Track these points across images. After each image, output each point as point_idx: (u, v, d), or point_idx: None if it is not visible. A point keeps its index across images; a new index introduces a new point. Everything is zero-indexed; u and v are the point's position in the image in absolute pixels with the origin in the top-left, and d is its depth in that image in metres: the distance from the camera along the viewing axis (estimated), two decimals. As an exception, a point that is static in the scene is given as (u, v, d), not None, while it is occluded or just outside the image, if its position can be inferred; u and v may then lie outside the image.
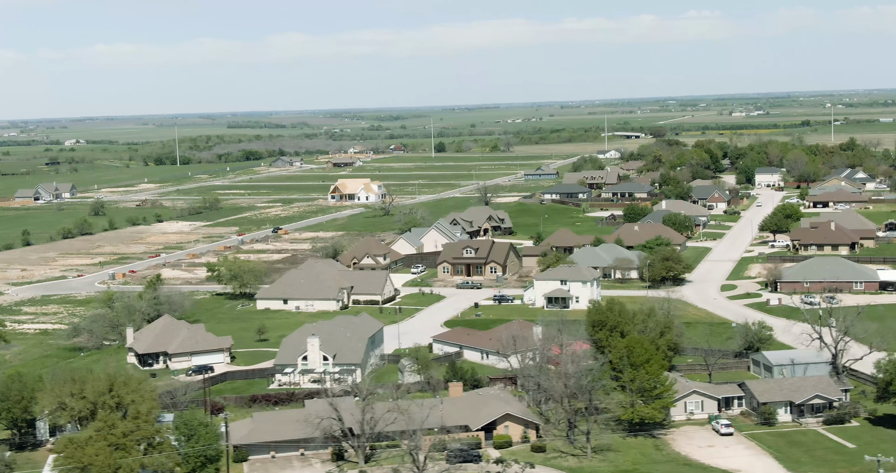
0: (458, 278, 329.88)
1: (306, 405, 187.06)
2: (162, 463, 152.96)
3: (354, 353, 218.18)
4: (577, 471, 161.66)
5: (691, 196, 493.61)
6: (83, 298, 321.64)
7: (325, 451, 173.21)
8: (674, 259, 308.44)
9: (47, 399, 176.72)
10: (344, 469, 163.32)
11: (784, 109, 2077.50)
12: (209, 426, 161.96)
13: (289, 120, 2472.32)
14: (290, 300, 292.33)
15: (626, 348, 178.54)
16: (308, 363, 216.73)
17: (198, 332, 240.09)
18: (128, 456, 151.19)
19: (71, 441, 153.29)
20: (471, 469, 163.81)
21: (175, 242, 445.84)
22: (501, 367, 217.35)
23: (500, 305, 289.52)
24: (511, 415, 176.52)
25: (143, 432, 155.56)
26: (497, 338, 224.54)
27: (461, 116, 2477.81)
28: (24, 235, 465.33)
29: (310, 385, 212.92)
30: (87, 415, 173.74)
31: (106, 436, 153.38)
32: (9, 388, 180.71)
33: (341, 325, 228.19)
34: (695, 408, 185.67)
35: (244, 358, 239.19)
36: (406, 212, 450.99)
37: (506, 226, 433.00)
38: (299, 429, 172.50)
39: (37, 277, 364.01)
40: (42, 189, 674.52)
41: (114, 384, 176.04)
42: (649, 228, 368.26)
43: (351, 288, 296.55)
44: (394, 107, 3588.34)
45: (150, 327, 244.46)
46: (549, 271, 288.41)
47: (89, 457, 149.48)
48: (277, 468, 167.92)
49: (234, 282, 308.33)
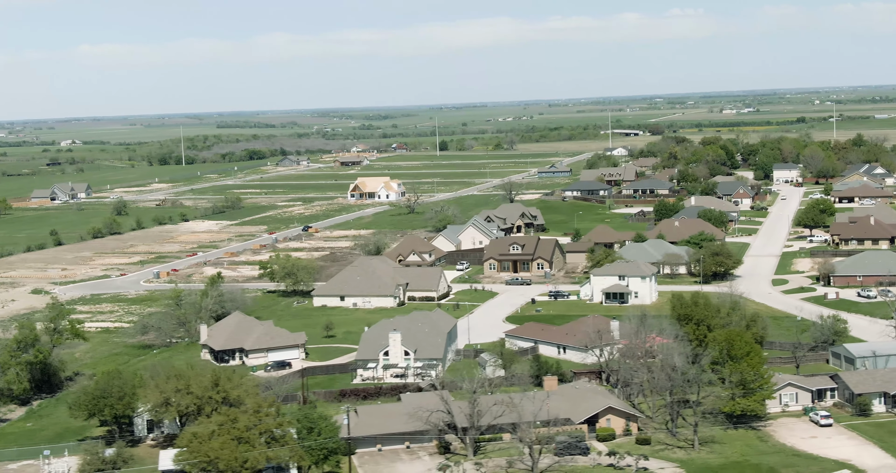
0: (504, 275, 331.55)
1: (402, 400, 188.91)
2: (285, 456, 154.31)
3: (435, 348, 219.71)
4: (689, 463, 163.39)
5: (716, 192, 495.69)
6: (133, 296, 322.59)
7: (429, 444, 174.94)
8: (724, 254, 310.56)
9: (152, 395, 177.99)
10: (460, 461, 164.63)
11: (774, 106, 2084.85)
12: (328, 419, 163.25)
13: (277, 119, 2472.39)
14: (347, 296, 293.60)
15: (725, 341, 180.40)
16: (389, 359, 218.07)
17: (272, 328, 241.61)
18: (252, 450, 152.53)
19: (195, 435, 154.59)
20: (580, 461, 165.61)
21: (208, 240, 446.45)
22: (579, 361, 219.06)
23: (555, 301, 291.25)
24: (613, 408, 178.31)
25: (265, 425, 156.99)
26: (573, 333, 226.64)
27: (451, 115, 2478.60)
28: (53, 235, 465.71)
29: (392, 380, 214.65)
30: (193, 410, 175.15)
31: (229, 430, 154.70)
32: (109, 385, 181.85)
33: (419, 320, 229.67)
34: (789, 400, 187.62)
35: (315, 354, 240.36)
36: (437, 209, 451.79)
37: (538, 223, 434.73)
38: (405, 422, 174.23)
39: (79, 276, 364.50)
40: (58, 189, 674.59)
41: (219, 380, 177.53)
42: (689, 223, 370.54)
43: (406, 285, 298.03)
44: (381, 106, 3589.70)
45: (222, 324, 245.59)
46: (606, 267, 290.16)
47: (215, 451, 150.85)
48: (387, 460, 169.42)
49: (287, 279, 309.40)
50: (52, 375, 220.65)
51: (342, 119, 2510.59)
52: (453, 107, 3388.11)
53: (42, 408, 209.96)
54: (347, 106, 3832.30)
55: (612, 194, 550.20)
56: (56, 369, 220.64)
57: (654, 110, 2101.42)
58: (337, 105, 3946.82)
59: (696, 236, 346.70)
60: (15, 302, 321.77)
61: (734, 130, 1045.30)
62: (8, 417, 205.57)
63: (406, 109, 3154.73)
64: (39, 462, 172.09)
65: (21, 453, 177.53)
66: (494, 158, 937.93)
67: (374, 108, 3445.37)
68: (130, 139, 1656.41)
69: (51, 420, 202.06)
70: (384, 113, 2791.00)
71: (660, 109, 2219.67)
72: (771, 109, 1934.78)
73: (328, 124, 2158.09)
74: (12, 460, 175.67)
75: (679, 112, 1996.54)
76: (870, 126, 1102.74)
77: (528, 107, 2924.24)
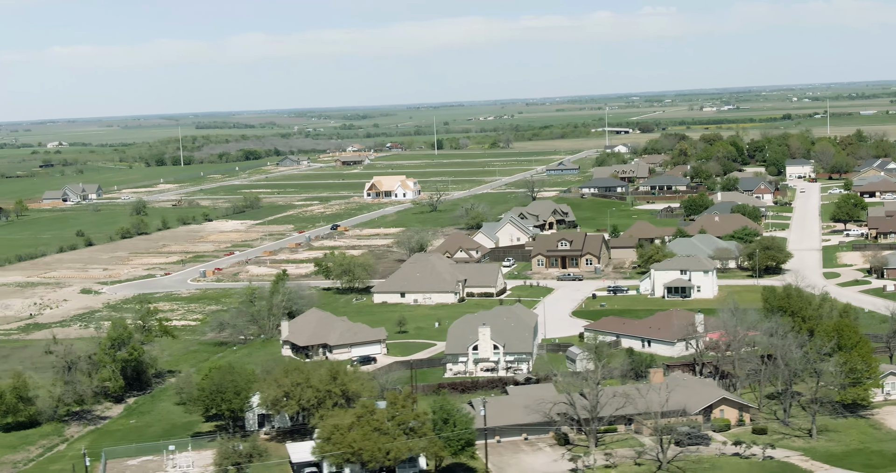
0: (553, 271, 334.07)
1: (510, 393, 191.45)
2: (427, 448, 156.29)
3: (523, 342, 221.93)
4: (811, 451, 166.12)
5: (737, 188, 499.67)
6: (188, 295, 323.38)
7: (545, 436, 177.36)
8: (775, 248, 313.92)
9: (270, 390, 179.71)
10: (589, 452, 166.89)
11: (753, 103, 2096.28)
12: (461, 410, 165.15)
13: (255, 120, 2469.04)
14: (408, 293, 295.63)
15: (835, 331, 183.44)
16: (479, 353, 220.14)
17: (352, 324, 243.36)
18: (392, 441, 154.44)
19: (336, 427, 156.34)
20: (703, 450, 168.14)
21: (240, 240, 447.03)
22: (665, 355, 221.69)
23: (614, 295, 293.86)
24: (727, 399, 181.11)
25: (402, 417, 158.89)
26: (658, 326, 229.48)
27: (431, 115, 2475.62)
28: (80, 235, 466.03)
29: (483, 374, 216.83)
30: (314, 404, 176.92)
31: (369, 421, 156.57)
32: (224, 380, 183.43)
33: (503, 315, 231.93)
34: (891, 389, 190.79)
35: (393, 350, 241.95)
36: (467, 207, 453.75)
37: (569, 220, 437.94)
38: (524, 414, 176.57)
39: (123, 276, 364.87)
40: (69, 191, 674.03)
41: (337, 374, 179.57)
42: (729, 218, 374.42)
43: (464, 281, 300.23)
44: (358, 106, 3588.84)
45: (299, 320, 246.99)
46: (666, 262, 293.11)
47: (358, 442, 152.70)
48: (510, 452, 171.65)
49: (345, 277, 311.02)
50: (142, 372, 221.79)
51: (321, 119, 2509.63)
52: (431, 106, 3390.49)
53: (139, 405, 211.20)
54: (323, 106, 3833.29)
55: (630, 191, 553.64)
56: (147, 366, 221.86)
57: (633, 108, 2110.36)
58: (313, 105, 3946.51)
59: (739, 230, 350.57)
60: (68, 302, 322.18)
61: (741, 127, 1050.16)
62: (107, 414, 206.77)
63: (383, 109, 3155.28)
64: (163, 457, 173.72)
65: (139, 449, 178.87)
66: (494, 156, 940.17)
67: (351, 108, 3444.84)
68: (111, 140, 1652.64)
69: (152, 416, 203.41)
70: (362, 113, 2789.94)
71: (638, 107, 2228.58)
72: (751, 106, 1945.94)
73: (308, 124, 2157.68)
74: (130, 456, 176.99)
75: (659, 110, 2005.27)
76: (858, 122, 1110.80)
77: (505, 106, 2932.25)
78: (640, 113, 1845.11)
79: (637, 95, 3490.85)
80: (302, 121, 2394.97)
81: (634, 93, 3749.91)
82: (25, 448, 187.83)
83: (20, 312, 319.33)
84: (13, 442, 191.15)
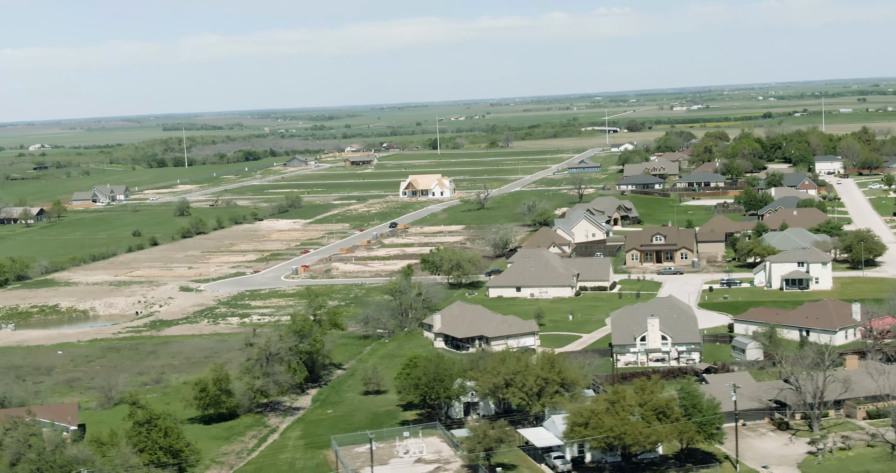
0: (648, 265, 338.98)
1: (709, 381, 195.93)
2: (682, 432, 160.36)
3: (690, 333, 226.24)
4: None
5: (782, 183, 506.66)
6: (293, 291, 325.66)
7: (761, 421, 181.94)
8: (870, 240, 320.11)
9: (487, 378, 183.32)
10: (826, 435, 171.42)
11: (720, 102, 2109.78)
12: (705, 395, 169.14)
13: (220, 121, 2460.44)
14: (524, 287, 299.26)
15: None
16: (647, 344, 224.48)
17: (505, 317, 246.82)
18: (648, 426, 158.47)
19: (594, 412, 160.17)
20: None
21: (305, 238, 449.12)
22: (823, 343, 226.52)
23: (728, 288, 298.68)
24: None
25: (654, 402, 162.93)
26: (815, 315, 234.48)
27: (398, 115, 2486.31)
28: (137, 236, 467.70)
29: (653, 364, 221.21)
30: (535, 391, 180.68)
31: (623, 406, 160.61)
32: (439, 369, 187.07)
33: (664, 306, 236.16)
34: None
35: (543, 341, 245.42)
36: (529, 204, 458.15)
37: (633, 216, 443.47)
38: (741, 401, 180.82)
39: (212, 274, 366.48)
40: (98, 191, 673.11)
41: (554, 361, 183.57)
42: (806, 213, 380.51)
43: (577, 275, 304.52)
44: (320, 107, 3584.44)
45: (447, 313, 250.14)
46: (782, 254, 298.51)
47: (620, 427, 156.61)
48: (739, 437, 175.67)
49: (455, 272, 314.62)
50: (315, 364, 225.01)
51: (286, 120, 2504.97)
52: (394, 107, 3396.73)
53: (326, 396, 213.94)
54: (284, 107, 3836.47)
55: (670, 187, 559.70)
56: (324, 358, 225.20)
57: (600, 108, 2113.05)
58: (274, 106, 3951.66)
59: (823, 224, 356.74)
60: (175, 300, 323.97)
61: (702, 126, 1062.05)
62: (297, 406, 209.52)
63: (347, 110, 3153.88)
64: (395, 443, 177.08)
65: (361, 437, 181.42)
66: (497, 155, 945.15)
67: (314, 108, 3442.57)
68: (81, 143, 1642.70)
69: (344, 406, 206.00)
70: (326, 113, 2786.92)
71: (605, 107, 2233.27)
72: (719, 105, 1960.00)
73: (276, 126, 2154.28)
74: (355, 443, 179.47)
75: (630, 110, 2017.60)
76: (841, 120, 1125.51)
77: (470, 106, 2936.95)
78: (610, 113, 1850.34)
79: (599, 94, 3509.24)
80: (269, 122, 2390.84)
81: (596, 93, 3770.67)
82: (237, 439, 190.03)
83: (125, 310, 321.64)
84: (221, 434, 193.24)
